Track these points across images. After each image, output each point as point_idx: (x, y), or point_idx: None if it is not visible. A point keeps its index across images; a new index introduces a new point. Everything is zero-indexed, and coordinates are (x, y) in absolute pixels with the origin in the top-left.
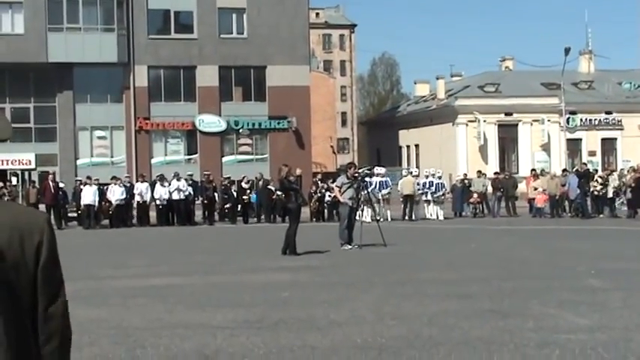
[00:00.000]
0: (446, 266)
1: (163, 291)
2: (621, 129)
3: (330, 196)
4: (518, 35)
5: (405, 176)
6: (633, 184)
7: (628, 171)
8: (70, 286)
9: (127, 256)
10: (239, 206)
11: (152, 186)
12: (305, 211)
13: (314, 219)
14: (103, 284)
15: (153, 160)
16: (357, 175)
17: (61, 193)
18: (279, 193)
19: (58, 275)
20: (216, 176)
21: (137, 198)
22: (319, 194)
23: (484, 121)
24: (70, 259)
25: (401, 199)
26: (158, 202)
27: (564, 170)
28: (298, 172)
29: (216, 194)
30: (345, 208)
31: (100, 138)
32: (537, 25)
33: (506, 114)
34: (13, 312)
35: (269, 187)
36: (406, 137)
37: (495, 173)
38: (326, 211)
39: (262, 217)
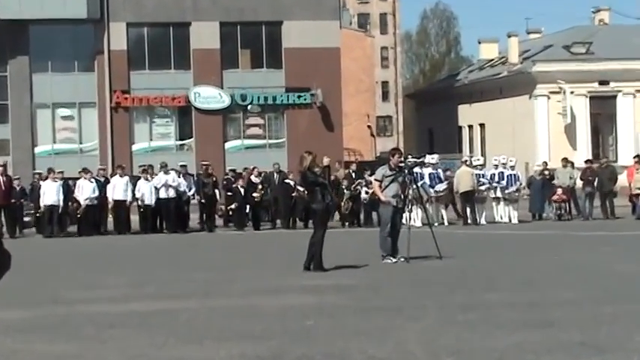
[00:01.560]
0: (521, 285)
1: (149, 319)
2: None
3: (367, 193)
4: None
5: (460, 167)
6: None
7: None
8: (29, 313)
9: (101, 274)
10: (247, 207)
11: (134, 181)
12: (335, 213)
13: (346, 223)
14: (72, 310)
15: (134, 147)
16: (403, 165)
17: (16, 189)
18: (300, 189)
19: None
20: (217, 168)
21: (114, 196)
22: (353, 191)
23: (571, 92)
24: (28, 277)
25: (458, 197)
26: (141, 202)
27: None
28: (326, 161)
29: (217, 191)
30: (388, 209)
31: (64, 118)
32: None
33: (601, 83)
34: None
35: (287, 181)
36: (468, 115)
37: (587, 162)
38: (362, 212)
39: (278, 221)
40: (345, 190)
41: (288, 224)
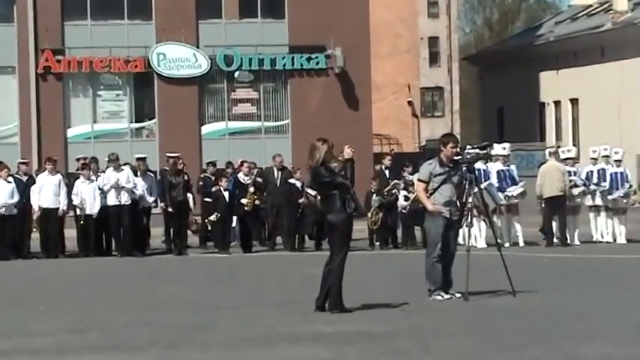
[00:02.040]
0: (631, 334)
1: None
2: None
3: (407, 199)
4: None
5: (548, 160)
6: None
7: None
8: None
9: (23, 314)
10: (234, 219)
11: (70, 181)
12: (360, 228)
13: (376, 242)
14: None
15: (70, 132)
16: (459, 159)
17: None
18: (310, 192)
19: None
20: (190, 162)
21: (41, 203)
22: (387, 196)
23: None
24: None
25: (541, 205)
26: (81, 210)
27: None
28: (347, 153)
29: (190, 196)
30: (438, 223)
31: None
32: None
33: None
34: None
35: (292, 181)
36: (554, 86)
37: None
38: (399, 226)
39: (278, 239)
40: (374, 196)
41: (293, 244)
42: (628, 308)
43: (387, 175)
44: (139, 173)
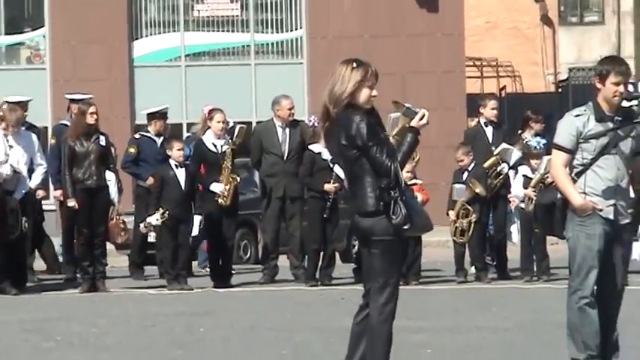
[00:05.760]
0: None
1: None
2: None
3: (533, 186)
4: None
5: None
6: None
7: None
8: None
9: None
10: (197, 221)
11: None
12: (439, 235)
13: (472, 268)
14: None
15: None
16: (635, 105)
17: None
18: (339, 174)
19: None
20: (114, 111)
21: None
22: (493, 178)
23: None
24: None
25: None
26: None
27: None
28: (420, 117)
29: (113, 177)
30: (593, 231)
31: None
32: None
33: None
34: None
35: (313, 149)
36: None
37: None
38: (515, 238)
39: (282, 258)
40: (461, 178)
41: (312, 269)
42: None
43: (491, 139)
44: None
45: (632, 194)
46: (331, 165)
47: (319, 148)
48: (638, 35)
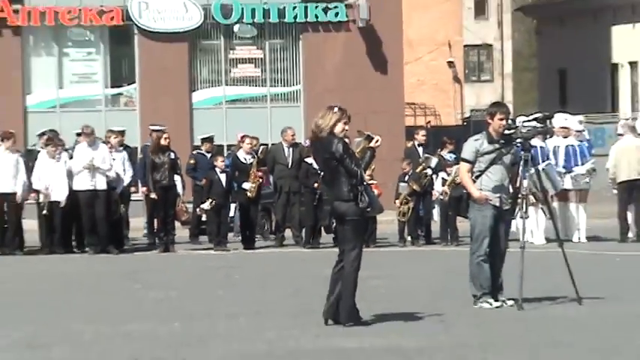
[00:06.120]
0: None
1: None
2: None
3: (447, 184)
4: None
5: (621, 135)
6: None
7: None
8: None
9: None
10: (233, 207)
11: (30, 160)
12: (387, 218)
13: (407, 237)
14: None
15: (30, 100)
16: (511, 133)
17: None
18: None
19: None
20: (179, 137)
21: None
22: (421, 179)
23: None
24: None
25: (614, 191)
26: (44, 196)
27: None
28: (376, 140)
29: (179, 179)
30: (486, 214)
31: None
32: None
33: None
34: None
35: (308, 161)
36: (628, 43)
37: None
38: (436, 218)
39: (288, 232)
40: (405, 178)
41: (310, 237)
42: None
43: (421, 155)
44: (113, 151)
45: (511, 190)
46: (319, 171)
47: (311, 160)
48: (515, 88)
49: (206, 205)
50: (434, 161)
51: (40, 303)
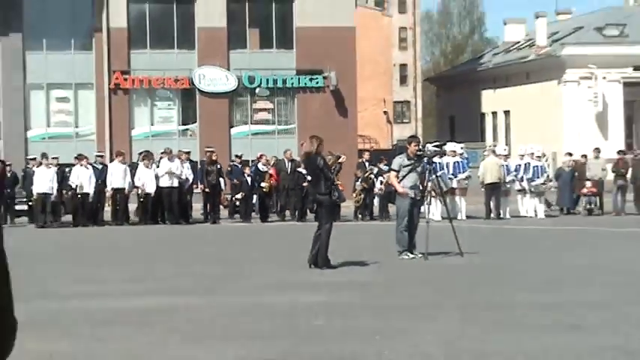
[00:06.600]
0: (547, 285)
1: (149, 316)
2: None
3: (382, 183)
4: None
5: (488, 156)
6: None
7: None
8: (20, 309)
9: (97, 267)
10: (255, 197)
11: (133, 168)
12: (348, 205)
13: (359, 215)
14: (65, 306)
15: (134, 132)
16: (421, 154)
17: (7, 176)
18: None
19: (6, 294)
20: (222, 155)
21: (113, 184)
22: (367, 182)
23: (604, 77)
24: (19, 269)
25: (482, 189)
26: (141, 190)
27: None
28: (343, 158)
29: (222, 180)
30: (405, 202)
31: (59, 100)
32: None
33: (636, 68)
34: None
35: (300, 170)
36: (491, 101)
37: (619, 152)
38: (376, 204)
39: (288, 212)
40: (358, 181)
41: (300, 216)
42: (546, 266)
43: (367, 166)
44: (183, 163)
45: (420, 188)
46: (306, 176)
47: (302, 169)
48: (424, 127)
49: (238, 196)
50: (375, 170)
51: (138, 254)
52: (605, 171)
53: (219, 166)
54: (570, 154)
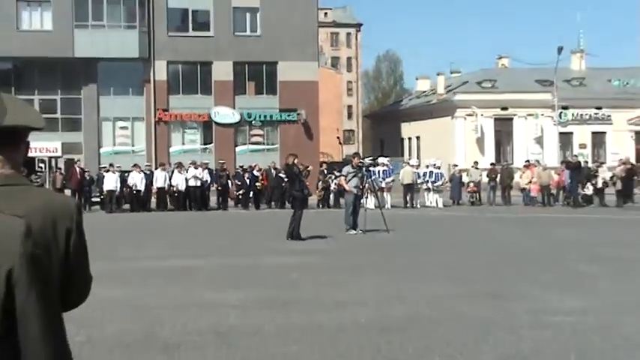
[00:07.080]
0: (445, 251)
1: (180, 272)
2: (610, 123)
3: (335, 184)
4: (514, 35)
5: (405, 166)
6: (624, 175)
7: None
8: (92, 266)
9: (146, 239)
10: (251, 193)
11: (170, 173)
12: (312, 198)
13: (320, 205)
14: (124, 265)
15: (171, 149)
16: (361, 164)
17: (86, 178)
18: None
19: (86, 257)
20: (230, 165)
21: (157, 184)
22: (326, 183)
23: (481, 115)
24: (93, 240)
25: (402, 187)
26: (176, 188)
27: (563, 162)
28: (309, 169)
29: (229, 182)
30: (351, 196)
31: (122, 128)
32: (532, 26)
33: (502, 108)
34: (43, 287)
35: (280, 175)
36: (408, 129)
37: (492, 164)
38: (332, 198)
39: (273, 203)
40: (319, 183)
41: (282, 205)
42: (444, 238)
43: (326, 173)
44: (204, 170)
45: (360, 187)
46: (286, 179)
47: (283, 175)
48: (364, 147)
49: (241, 192)
50: (333, 177)
51: (172, 230)
52: (481, 176)
53: (227, 173)
54: (456, 165)
